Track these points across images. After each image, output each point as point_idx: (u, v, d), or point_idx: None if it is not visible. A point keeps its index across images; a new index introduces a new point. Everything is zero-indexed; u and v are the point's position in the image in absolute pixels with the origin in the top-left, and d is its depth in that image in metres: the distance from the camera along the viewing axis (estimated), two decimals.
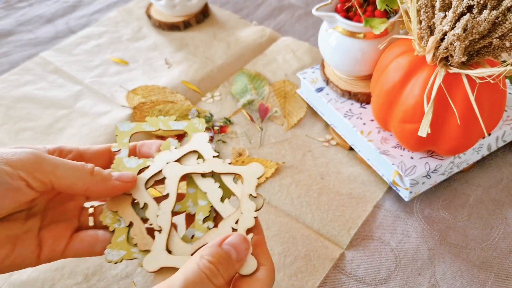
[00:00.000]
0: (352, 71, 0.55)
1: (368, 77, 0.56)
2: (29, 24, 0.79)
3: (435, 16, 0.41)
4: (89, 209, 0.39)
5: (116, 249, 0.35)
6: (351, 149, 0.57)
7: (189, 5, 0.74)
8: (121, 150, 0.39)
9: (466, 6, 0.39)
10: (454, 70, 0.42)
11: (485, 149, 0.52)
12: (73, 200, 0.39)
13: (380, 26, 0.49)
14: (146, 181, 0.38)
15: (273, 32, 0.75)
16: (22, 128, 0.61)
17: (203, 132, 0.40)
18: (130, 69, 0.69)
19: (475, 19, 0.39)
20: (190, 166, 0.38)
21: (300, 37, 0.74)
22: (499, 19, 0.40)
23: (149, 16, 0.77)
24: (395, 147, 0.51)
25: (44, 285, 0.45)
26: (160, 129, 0.41)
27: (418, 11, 0.42)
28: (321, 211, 0.51)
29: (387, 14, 0.51)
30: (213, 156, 0.39)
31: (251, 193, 0.37)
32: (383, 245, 0.48)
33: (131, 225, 0.36)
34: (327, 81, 0.58)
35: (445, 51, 0.42)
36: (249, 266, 0.33)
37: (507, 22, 0.39)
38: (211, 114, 0.62)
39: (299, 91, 0.63)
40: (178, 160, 0.39)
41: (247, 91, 0.65)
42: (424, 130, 0.43)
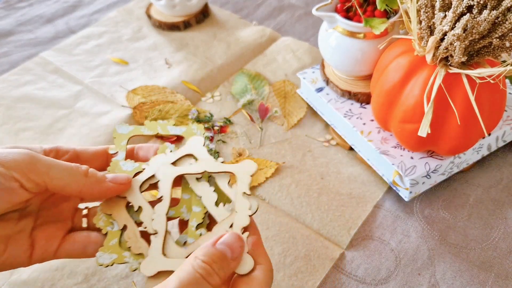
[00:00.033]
0: (352, 71, 0.55)
1: (368, 77, 0.56)
2: (29, 24, 0.79)
3: (435, 16, 0.41)
4: (83, 210, 0.39)
5: (108, 252, 0.35)
6: (351, 149, 0.57)
7: (189, 5, 0.74)
8: (118, 152, 0.39)
9: (466, 6, 0.39)
10: (454, 70, 0.42)
11: (485, 149, 0.52)
12: (67, 201, 0.38)
13: (380, 26, 0.49)
14: (141, 184, 0.38)
15: (273, 32, 0.75)
16: (22, 128, 0.61)
17: (198, 136, 0.40)
18: (130, 69, 0.69)
19: (475, 19, 0.39)
20: (182, 168, 0.38)
21: (300, 37, 0.74)
22: (499, 19, 0.40)
23: (149, 16, 0.77)
24: (395, 147, 0.51)
25: (44, 285, 0.45)
26: (158, 133, 0.41)
27: (418, 11, 0.42)
28: (321, 211, 0.51)
29: (387, 14, 0.51)
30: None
31: (245, 191, 0.36)
32: (383, 245, 0.48)
33: (125, 228, 0.36)
34: (327, 81, 0.58)
35: (445, 51, 0.42)
36: (246, 265, 0.33)
37: (507, 22, 0.39)
38: (211, 114, 0.62)
39: (299, 91, 0.63)
40: (173, 163, 0.38)
41: (247, 91, 0.65)
42: (424, 130, 0.43)
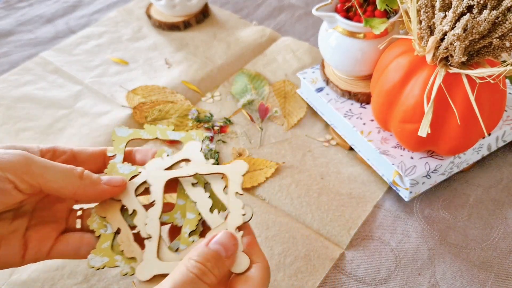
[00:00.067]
0: (352, 71, 0.55)
1: (368, 77, 0.56)
2: (29, 24, 0.79)
3: (435, 16, 0.41)
4: (78, 211, 0.39)
5: (100, 255, 0.35)
6: (351, 149, 0.57)
7: (189, 5, 0.74)
8: (116, 155, 0.39)
9: (466, 6, 0.39)
10: (454, 70, 0.42)
11: (485, 149, 0.52)
12: (62, 201, 0.38)
13: (380, 26, 0.49)
14: (137, 188, 0.37)
15: (273, 32, 0.75)
16: (22, 128, 0.61)
17: (195, 141, 0.40)
18: (130, 69, 0.69)
19: (475, 19, 0.39)
20: (173, 171, 0.38)
21: (300, 37, 0.74)
22: (499, 19, 0.40)
23: (149, 16, 0.77)
24: (395, 147, 0.51)
25: (44, 285, 0.45)
26: (157, 138, 0.40)
27: (418, 11, 0.42)
28: (321, 211, 0.51)
29: (387, 14, 0.51)
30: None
31: (237, 191, 0.37)
32: (383, 245, 0.48)
33: (118, 231, 0.36)
34: (327, 81, 0.58)
35: (445, 51, 0.42)
36: (241, 264, 0.33)
37: (507, 22, 0.39)
38: (211, 114, 0.62)
39: (299, 91, 0.63)
40: (169, 167, 0.38)
41: (247, 91, 0.65)
42: (424, 130, 0.43)
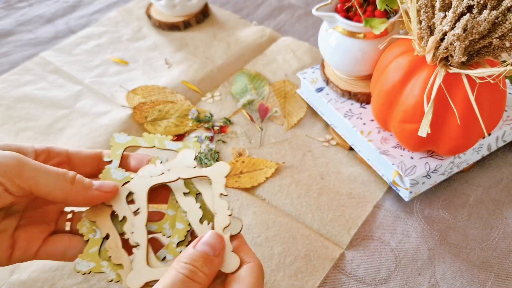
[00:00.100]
0: (352, 71, 0.55)
1: (368, 77, 0.56)
2: (29, 24, 0.79)
3: (435, 16, 0.41)
4: (68, 214, 0.39)
5: (87, 260, 0.35)
6: (351, 149, 0.57)
7: (189, 5, 0.74)
8: (112, 161, 0.39)
9: (466, 6, 0.39)
10: (454, 70, 0.42)
11: (485, 149, 0.52)
12: (53, 203, 0.38)
13: (380, 26, 0.49)
14: (128, 194, 0.38)
15: (273, 32, 0.75)
16: (22, 128, 0.61)
17: (190, 149, 0.40)
18: (130, 69, 0.69)
19: (475, 19, 0.39)
20: (155, 178, 0.38)
21: (300, 37, 0.74)
22: (499, 19, 0.40)
23: (149, 16, 0.77)
24: (395, 147, 0.51)
25: (44, 285, 0.45)
26: (155, 146, 0.40)
27: (418, 11, 0.42)
28: (321, 211, 0.51)
29: (387, 14, 0.51)
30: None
31: (221, 192, 0.37)
32: (383, 245, 0.48)
33: (107, 237, 0.36)
34: (327, 81, 0.58)
35: (445, 51, 0.42)
36: (231, 264, 0.34)
37: (507, 22, 0.39)
38: (211, 114, 0.62)
39: (299, 91, 0.63)
40: (161, 174, 0.39)
41: (247, 91, 0.65)
42: (424, 130, 0.43)
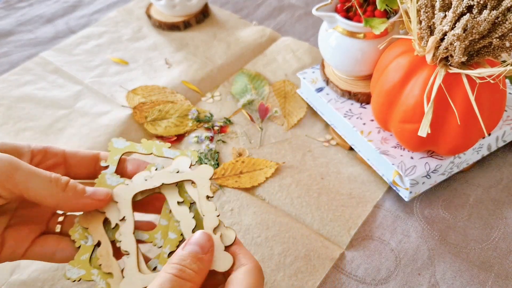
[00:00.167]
0: (352, 71, 0.55)
1: (368, 77, 0.56)
2: (29, 24, 0.79)
3: (435, 16, 0.41)
4: (60, 217, 0.39)
5: (77, 267, 0.35)
6: (351, 149, 0.57)
7: (189, 5, 0.74)
8: (109, 166, 0.39)
9: (466, 6, 0.39)
10: (454, 70, 0.42)
11: (485, 149, 0.52)
12: None
13: (380, 26, 0.49)
14: None
15: (273, 32, 0.75)
16: (22, 128, 0.61)
17: (186, 156, 0.40)
18: (130, 69, 0.69)
19: (475, 19, 0.39)
20: (139, 185, 0.38)
21: (300, 37, 0.74)
22: (499, 19, 0.40)
23: (149, 16, 0.77)
24: (395, 147, 0.51)
25: (44, 285, 0.45)
26: (153, 153, 0.40)
27: (418, 11, 0.42)
28: (321, 211, 0.51)
29: (387, 14, 0.51)
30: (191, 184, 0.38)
31: (207, 195, 0.37)
32: (383, 245, 0.48)
33: (99, 244, 0.36)
34: (327, 81, 0.58)
35: (445, 51, 0.42)
36: (224, 263, 0.34)
37: (507, 22, 0.39)
38: (211, 114, 0.62)
39: (299, 91, 0.63)
40: (146, 181, 0.38)
41: (247, 91, 0.65)
42: (424, 130, 0.43)
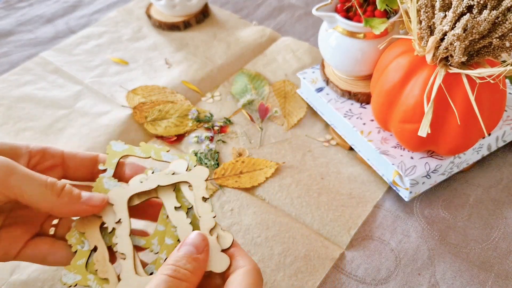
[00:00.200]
0: (352, 71, 0.55)
1: (368, 77, 0.56)
2: (29, 24, 0.79)
3: (435, 16, 0.41)
4: (55, 219, 0.39)
5: (73, 272, 0.35)
6: (351, 149, 0.57)
7: (189, 5, 0.74)
8: (107, 169, 0.39)
9: (466, 6, 0.39)
10: (454, 70, 0.42)
11: (485, 149, 0.52)
12: None
13: (380, 26, 0.49)
14: None
15: (273, 32, 0.75)
16: (22, 128, 0.61)
17: (183, 160, 0.39)
18: (130, 69, 0.69)
19: (475, 19, 0.39)
20: (134, 187, 0.38)
21: (300, 37, 0.74)
22: (499, 19, 0.40)
23: (149, 16, 0.77)
24: (395, 147, 0.51)
25: (44, 285, 0.45)
26: (151, 157, 0.40)
27: (418, 11, 0.42)
28: (321, 211, 0.51)
29: (387, 14, 0.51)
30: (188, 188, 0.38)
31: (203, 196, 0.37)
32: (383, 245, 0.48)
33: (95, 249, 0.36)
34: (327, 81, 0.58)
35: (445, 51, 0.42)
36: (221, 264, 0.34)
37: (507, 22, 0.39)
38: (211, 114, 0.62)
39: (299, 91, 0.63)
40: (141, 183, 0.38)
41: (247, 91, 0.65)
42: (424, 130, 0.43)
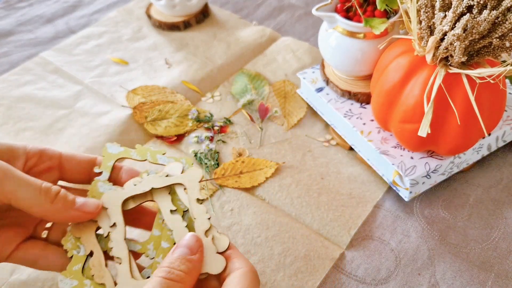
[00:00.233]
0: (352, 71, 0.55)
1: (368, 77, 0.56)
2: (29, 24, 0.79)
3: (435, 16, 0.41)
4: (48, 222, 0.39)
5: (70, 277, 0.35)
6: (351, 149, 0.57)
7: (189, 5, 0.74)
8: (102, 172, 0.39)
9: (466, 6, 0.39)
10: (454, 70, 0.42)
11: (485, 149, 0.52)
12: None
13: (380, 26, 0.49)
14: None
15: (273, 32, 0.75)
16: (22, 128, 0.61)
17: (178, 163, 0.39)
18: (130, 69, 0.69)
19: (475, 19, 0.39)
20: (128, 190, 0.38)
21: (300, 37, 0.74)
22: (499, 19, 0.40)
23: (149, 16, 0.77)
24: (395, 147, 0.51)
25: (44, 285, 0.45)
26: (147, 159, 0.40)
27: (418, 11, 0.42)
28: (321, 211, 0.51)
29: (387, 14, 0.51)
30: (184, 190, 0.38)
31: (197, 197, 0.37)
32: (383, 245, 0.48)
33: (91, 254, 0.36)
34: (327, 81, 0.58)
35: (445, 51, 0.42)
36: (217, 265, 0.34)
37: (507, 22, 0.39)
38: (211, 114, 0.62)
39: (299, 91, 0.63)
40: (135, 186, 0.38)
41: (247, 91, 0.65)
42: (424, 130, 0.43)
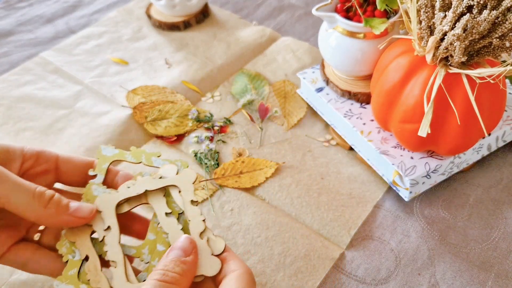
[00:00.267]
0: (352, 71, 0.55)
1: (368, 77, 0.56)
2: (29, 24, 0.79)
3: (435, 16, 0.41)
4: (40, 225, 0.39)
5: (65, 282, 0.35)
6: (351, 149, 0.57)
7: (189, 5, 0.74)
8: (97, 175, 0.39)
9: (466, 6, 0.39)
10: (454, 70, 0.42)
11: (485, 149, 0.52)
12: None
13: (380, 26, 0.49)
14: None
15: (273, 32, 0.75)
16: (22, 128, 0.61)
17: (172, 164, 0.39)
18: (130, 69, 0.69)
19: (475, 19, 0.39)
20: (122, 193, 0.37)
21: (300, 37, 0.74)
22: (499, 19, 0.40)
23: (149, 16, 0.77)
24: (395, 147, 0.51)
25: (44, 285, 0.45)
26: (142, 162, 0.40)
27: (418, 11, 0.42)
28: (321, 211, 0.51)
29: (387, 14, 0.51)
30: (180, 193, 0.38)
31: (192, 199, 0.37)
32: (383, 245, 0.48)
33: (86, 258, 0.36)
34: (327, 81, 0.58)
35: (445, 51, 0.42)
36: (212, 267, 0.34)
37: (507, 22, 0.39)
38: (211, 114, 0.62)
39: (299, 91, 0.63)
40: (128, 188, 0.38)
41: (247, 91, 0.65)
42: (424, 130, 0.43)
